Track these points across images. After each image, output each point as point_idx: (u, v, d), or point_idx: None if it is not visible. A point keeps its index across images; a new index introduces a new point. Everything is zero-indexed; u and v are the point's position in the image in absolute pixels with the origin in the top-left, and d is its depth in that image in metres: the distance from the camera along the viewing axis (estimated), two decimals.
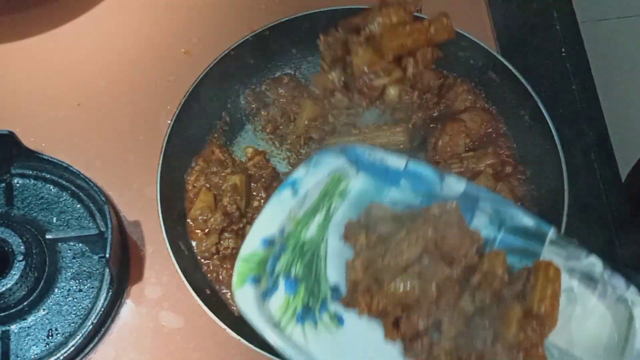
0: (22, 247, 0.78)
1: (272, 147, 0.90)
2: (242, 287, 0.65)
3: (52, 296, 0.81)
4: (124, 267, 0.85)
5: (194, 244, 0.84)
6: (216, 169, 0.87)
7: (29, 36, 0.97)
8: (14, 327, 0.80)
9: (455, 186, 0.70)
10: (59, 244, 0.83)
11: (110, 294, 0.80)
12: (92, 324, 0.79)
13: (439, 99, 0.90)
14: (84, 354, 0.81)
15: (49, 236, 0.82)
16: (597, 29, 1.82)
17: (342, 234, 0.69)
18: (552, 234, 0.67)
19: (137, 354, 0.82)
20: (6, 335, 0.80)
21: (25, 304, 0.80)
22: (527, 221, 0.68)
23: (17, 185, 0.86)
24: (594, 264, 0.65)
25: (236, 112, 0.91)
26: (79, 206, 0.85)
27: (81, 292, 0.82)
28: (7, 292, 0.77)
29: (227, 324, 0.75)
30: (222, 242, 0.83)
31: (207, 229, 0.84)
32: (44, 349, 0.79)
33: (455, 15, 0.72)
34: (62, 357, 0.78)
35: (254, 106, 0.91)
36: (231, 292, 0.67)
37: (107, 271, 0.80)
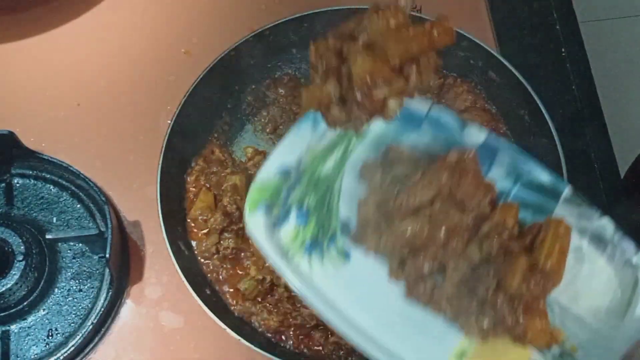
0: (22, 247, 0.78)
1: (272, 147, 0.90)
2: (255, 213, 0.66)
3: (52, 296, 0.81)
4: (124, 267, 0.85)
5: (194, 244, 0.84)
6: (216, 169, 0.87)
7: (29, 36, 0.97)
8: (14, 327, 0.80)
9: (475, 135, 0.70)
10: (59, 244, 0.83)
11: (110, 294, 0.80)
12: (92, 324, 0.79)
13: (438, 99, 0.90)
14: (84, 354, 0.81)
15: (49, 236, 0.82)
16: (597, 29, 1.82)
17: (358, 173, 0.69)
18: (567, 191, 0.67)
19: (137, 354, 0.82)
20: (6, 335, 0.80)
21: (25, 304, 0.80)
22: (544, 177, 0.68)
23: (17, 185, 0.86)
24: (606, 225, 0.66)
25: (236, 112, 0.91)
26: (79, 206, 0.85)
27: (81, 292, 0.82)
28: (7, 292, 0.77)
29: (227, 324, 0.75)
30: (222, 242, 0.83)
31: (207, 229, 0.84)
32: (44, 349, 0.79)
33: (455, 15, 0.71)
34: (62, 357, 0.78)
35: (254, 106, 0.92)
36: (243, 218, 0.67)
37: (107, 271, 0.80)
